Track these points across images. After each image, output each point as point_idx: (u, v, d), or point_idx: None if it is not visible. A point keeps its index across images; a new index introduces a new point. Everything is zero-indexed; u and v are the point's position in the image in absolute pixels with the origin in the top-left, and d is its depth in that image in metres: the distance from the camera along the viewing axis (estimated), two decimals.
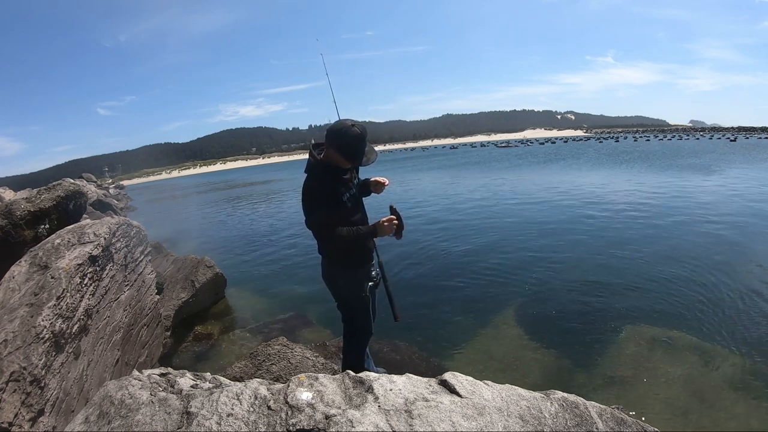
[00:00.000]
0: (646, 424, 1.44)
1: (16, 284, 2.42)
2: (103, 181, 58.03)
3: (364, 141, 1.99)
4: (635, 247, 5.93)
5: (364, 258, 2.20)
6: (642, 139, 75.76)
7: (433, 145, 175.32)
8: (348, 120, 1.99)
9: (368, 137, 2.03)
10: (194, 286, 4.70)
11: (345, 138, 1.94)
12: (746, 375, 2.90)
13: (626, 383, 2.91)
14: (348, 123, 1.97)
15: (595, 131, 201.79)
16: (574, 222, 7.92)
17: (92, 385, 2.44)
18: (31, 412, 1.87)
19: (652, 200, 9.88)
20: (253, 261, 7.24)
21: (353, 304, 2.23)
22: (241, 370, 2.82)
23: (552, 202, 10.49)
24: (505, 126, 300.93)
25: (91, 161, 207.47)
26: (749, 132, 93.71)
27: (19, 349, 1.96)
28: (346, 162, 2.01)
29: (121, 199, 26.50)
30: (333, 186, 1.99)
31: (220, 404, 1.25)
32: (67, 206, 4.01)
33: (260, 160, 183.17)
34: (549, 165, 24.96)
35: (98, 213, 11.85)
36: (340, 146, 1.96)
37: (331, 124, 2.03)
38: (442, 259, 6.14)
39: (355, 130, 1.94)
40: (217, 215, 14.80)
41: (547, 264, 5.46)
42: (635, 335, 3.52)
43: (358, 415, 1.18)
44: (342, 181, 2.04)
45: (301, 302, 4.91)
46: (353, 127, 1.94)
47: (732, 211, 8.09)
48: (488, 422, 1.22)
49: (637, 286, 4.52)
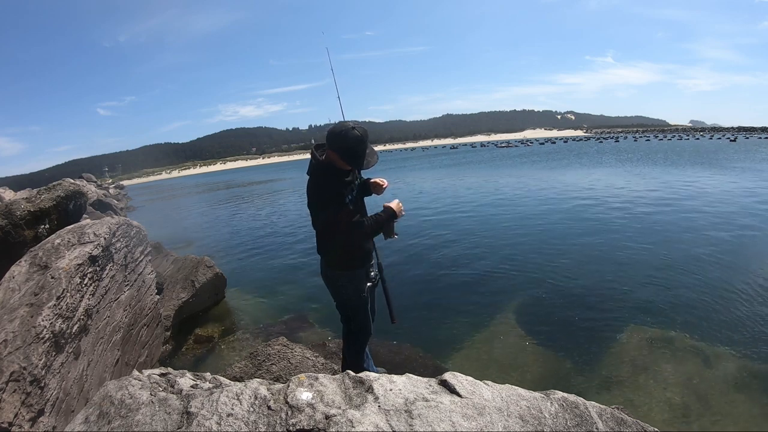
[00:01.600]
0: (646, 424, 1.44)
1: (16, 284, 2.42)
2: (103, 181, 58.04)
3: (364, 144, 1.95)
4: (635, 248, 5.93)
5: (363, 258, 2.19)
6: (642, 139, 75.82)
7: (433, 146, 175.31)
8: (349, 122, 1.96)
9: (368, 138, 2.01)
10: (194, 286, 4.70)
11: (345, 141, 1.90)
12: (746, 375, 2.90)
13: (626, 383, 2.91)
14: (349, 125, 1.92)
15: (595, 131, 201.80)
16: (574, 222, 7.92)
17: (92, 385, 2.44)
18: (31, 412, 1.87)
19: (653, 200, 9.88)
20: (253, 261, 7.24)
21: (353, 304, 2.23)
22: (241, 370, 2.82)
23: (552, 201, 10.49)
24: (505, 126, 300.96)
25: (91, 161, 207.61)
26: (749, 132, 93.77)
27: (19, 349, 1.96)
28: (346, 165, 1.99)
29: (121, 199, 26.50)
30: (337, 187, 1.96)
31: (220, 404, 1.25)
32: (67, 206, 4.01)
33: (260, 160, 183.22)
34: (549, 165, 24.96)
35: (98, 213, 11.85)
36: (340, 149, 1.93)
37: (332, 126, 1.99)
38: (442, 259, 6.14)
39: (355, 133, 1.90)
40: (217, 215, 14.80)
41: (547, 264, 5.46)
42: (635, 335, 3.52)
43: (358, 415, 1.18)
44: (344, 183, 2.01)
45: (301, 302, 4.91)
46: (354, 130, 1.90)
47: (736, 210, 8.09)
48: (488, 422, 1.22)
49: (637, 287, 4.52)
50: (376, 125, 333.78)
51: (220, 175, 78.29)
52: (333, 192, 1.95)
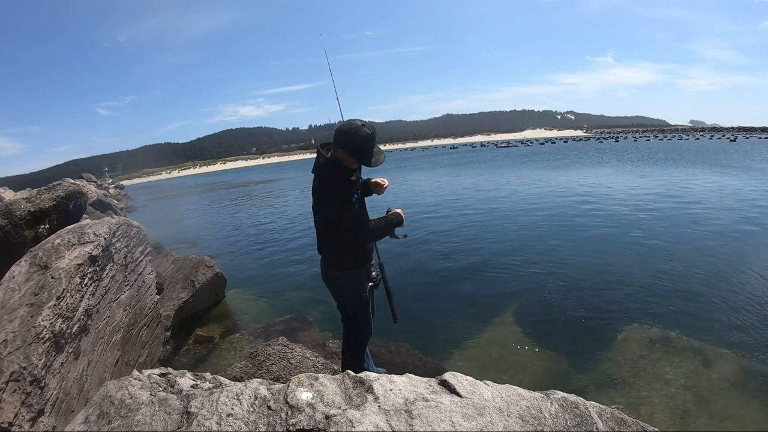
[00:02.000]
0: (646, 424, 1.44)
1: (16, 284, 2.42)
2: (103, 181, 58.03)
3: (373, 142, 1.95)
4: (636, 248, 5.93)
5: (365, 258, 2.18)
6: (642, 139, 75.83)
7: (433, 145, 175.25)
8: (357, 120, 1.95)
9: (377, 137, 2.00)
10: (194, 286, 4.70)
11: (355, 139, 1.90)
12: (746, 375, 2.90)
13: (626, 383, 2.91)
14: (358, 123, 1.93)
15: (596, 131, 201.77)
16: (574, 222, 7.92)
17: (92, 385, 2.44)
18: (31, 412, 1.87)
19: (653, 200, 9.88)
20: (253, 261, 7.24)
21: (353, 304, 2.22)
22: (241, 370, 2.81)
23: (551, 201, 10.49)
24: (505, 126, 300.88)
25: (91, 161, 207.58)
26: (749, 132, 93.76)
27: (19, 349, 1.96)
28: (355, 163, 1.98)
29: (121, 199, 26.50)
30: (344, 185, 1.96)
31: (220, 404, 1.25)
32: (67, 206, 4.01)
33: (260, 160, 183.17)
34: (549, 164, 24.95)
35: (98, 213, 11.85)
36: (348, 147, 1.92)
37: (341, 124, 1.99)
38: (443, 259, 6.14)
39: (365, 131, 1.91)
40: (217, 215, 14.80)
41: (547, 264, 5.46)
42: (635, 335, 3.52)
43: (358, 415, 1.18)
44: (351, 182, 2.01)
45: (301, 302, 4.91)
46: (363, 128, 1.91)
47: (736, 210, 8.09)
48: (488, 422, 1.22)
49: (637, 287, 4.52)
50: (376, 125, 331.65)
51: (220, 175, 78.30)
52: (341, 190, 1.93)
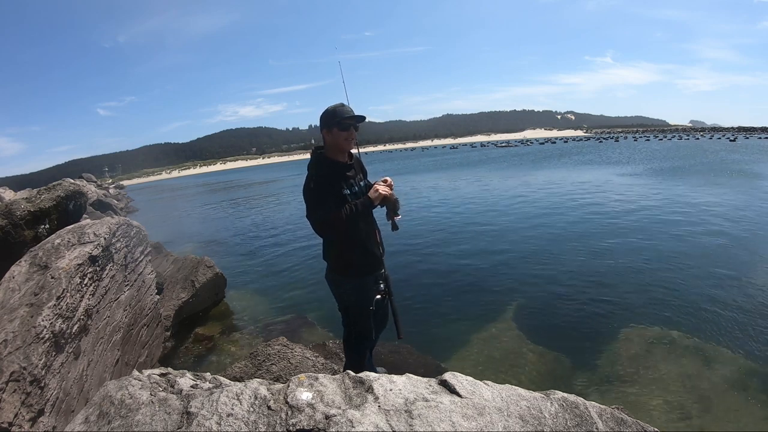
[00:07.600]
0: (646, 424, 1.44)
1: (16, 284, 2.42)
2: (103, 181, 58.01)
3: (342, 106, 2.06)
4: (636, 248, 5.93)
5: (368, 265, 2.12)
6: (642, 139, 75.81)
7: (433, 146, 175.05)
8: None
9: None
10: (194, 286, 4.70)
11: (325, 113, 2.04)
12: (746, 375, 2.91)
13: (626, 383, 2.91)
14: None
15: (595, 131, 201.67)
16: (574, 222, 7.92)
17: (92, 385, 2.44)
18: (31, 412, 1.87)
19: (653, 200, 9.89)
20: (254, 261, 7.24)
21: (354, 311, 2.18)
22: (241, 370, 2.81)
23: (551, 201, 10.49)
24: (505, 126, 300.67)
25: (91, 161, 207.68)
26: (749, 132, 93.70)
27: (19, 349, 1.96)
28: (339, 133, 2.00)
29: (121, 199, 26.48)
30: (331, 180, 1.95)
31: (220, 404, 1.25)
32: (67, 206, 4.01)
33: (260, 161, 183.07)
34: (549, 164, 24.95)
35: (98, 213, 11.85)
36: (323, 122, 2.04)
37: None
38: (443, 258, 6.14)
39: (331, 105, 2.05)
40: (217, 215, 14.80)
41: (547, 264, 5.47)
42: (635, 335, 3.52)
43: (358, 415, 1.18)
44: (343, 176, 2.00)
45: (302, 302, 4.91)
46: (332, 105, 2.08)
47: (736, 210, 8.09)
48: (488, 422, 1.22)
49: (637, 287, 4.52)
50: (376, 125, 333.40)
51: (220, 175, 78.27)
52: (325, 188, 1.92)
